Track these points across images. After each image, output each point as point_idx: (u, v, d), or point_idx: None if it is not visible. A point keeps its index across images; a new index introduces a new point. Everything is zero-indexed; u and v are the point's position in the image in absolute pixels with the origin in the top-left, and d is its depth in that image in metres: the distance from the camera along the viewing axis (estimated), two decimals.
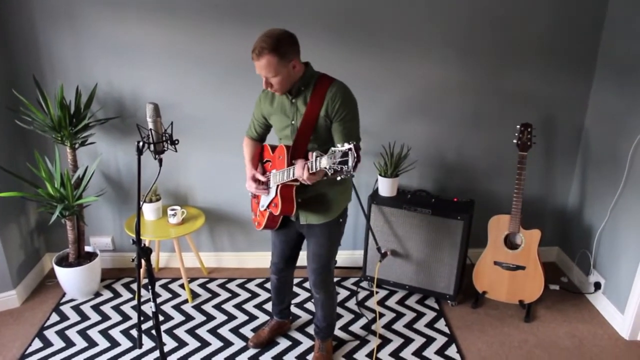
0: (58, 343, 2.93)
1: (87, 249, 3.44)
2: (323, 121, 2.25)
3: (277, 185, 2.31)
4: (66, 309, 3.23)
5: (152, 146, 2.04)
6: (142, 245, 2.05)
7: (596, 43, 3.28)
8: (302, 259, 2.68)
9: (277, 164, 2.36)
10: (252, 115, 2.54)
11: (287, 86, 2.22)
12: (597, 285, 3.31)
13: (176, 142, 2.10)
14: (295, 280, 3.51)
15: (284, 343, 2.97)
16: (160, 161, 2.07)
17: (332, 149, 1.89)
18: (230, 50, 3.15)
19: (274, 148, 2.47)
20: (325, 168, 1.90)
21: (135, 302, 3.31)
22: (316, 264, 2.55)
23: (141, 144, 2.01)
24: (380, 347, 2.95)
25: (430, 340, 3.01)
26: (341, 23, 3.13)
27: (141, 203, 2.02)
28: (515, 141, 3.01)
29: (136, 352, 2.86)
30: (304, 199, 2.38)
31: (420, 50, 3.22)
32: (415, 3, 3.11)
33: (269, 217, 2.45)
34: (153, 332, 3.01)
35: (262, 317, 3.19)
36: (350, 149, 1.81)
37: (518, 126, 3.00)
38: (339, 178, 1.89)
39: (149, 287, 2.11)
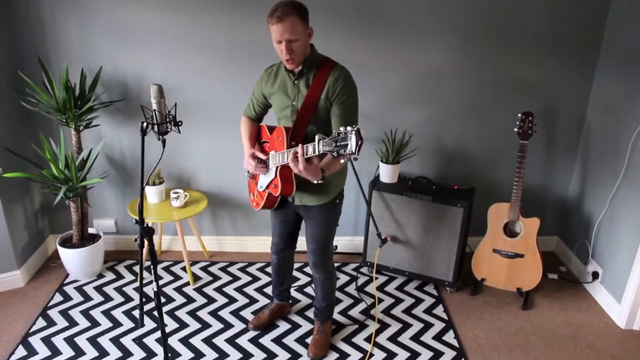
0: (61, 322, 2.97)
1: (91, 230, 3.48)
2: (323, 104, 2.28)
3: (277, 167, 2.34)
4: (69, 289, 3.27)
5: (155, 127, 2.06)
6: (145, 225, 2.08)
7: (600, 33, 3.27)
8: (303, 244, 2.70)
9: (276, 145, 2.37)
10: (252, 94, 2.56)
11: (302, 57, 2.23)
12: (595, 275, 3.33)
13: (180, 123, 2.11)
14: (296, 265, 3.55)
15: (283, 326, 3.01)
16: (164, 142, 2.10)
17: (335, 132, 1.91)
18: (234, 35, 3.16)
19: (271, 129, 2.48)
20: (328, 151, 1.92)
21: (137, 284, 3.34)
22: (314, 245, 2.59)
23: (145, 124, 2.03)
24: (378, 332, 2.98)
25: (428, 325, 3.05)
26: (346, 8, 3.13)
27: (144, 183, 2.04)
28: (516, 129, 3.02)
29: (138, 332, 2.91)
30: (299, 181, 2.37)
31: (421, 36, 3.22)
32: None
33: (267, 197, 2.48)
34: (155, 313, 3.05)
35: (263, 300, 3.22)
36: (353, 131, 1.82)
37: (519, 114, 3.01)
38: (342, 161, 1.91)
39: (152, 268, 2.14)
